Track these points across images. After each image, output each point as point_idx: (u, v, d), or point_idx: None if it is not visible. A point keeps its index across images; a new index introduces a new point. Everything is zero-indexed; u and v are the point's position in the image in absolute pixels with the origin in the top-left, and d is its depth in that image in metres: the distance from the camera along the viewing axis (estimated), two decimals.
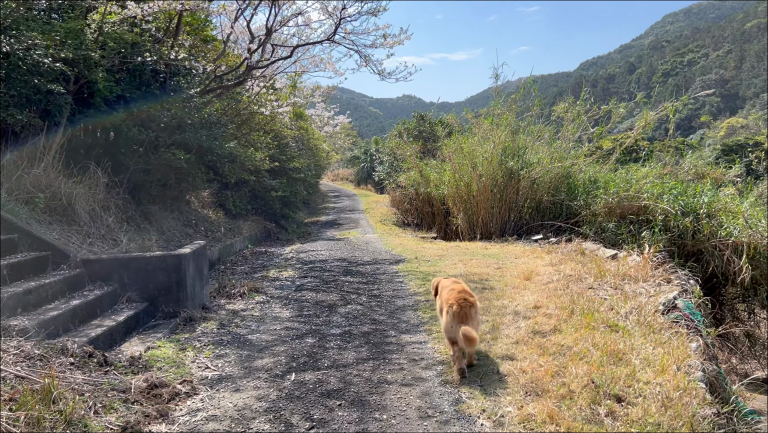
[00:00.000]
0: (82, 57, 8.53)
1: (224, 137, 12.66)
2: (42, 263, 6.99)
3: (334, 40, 12.42)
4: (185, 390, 4.86)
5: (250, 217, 18.14)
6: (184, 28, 11.90)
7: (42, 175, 8.61)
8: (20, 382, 4.37)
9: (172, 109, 10.82)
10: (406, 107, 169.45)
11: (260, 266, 12.59)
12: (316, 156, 27.78)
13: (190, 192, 14.93)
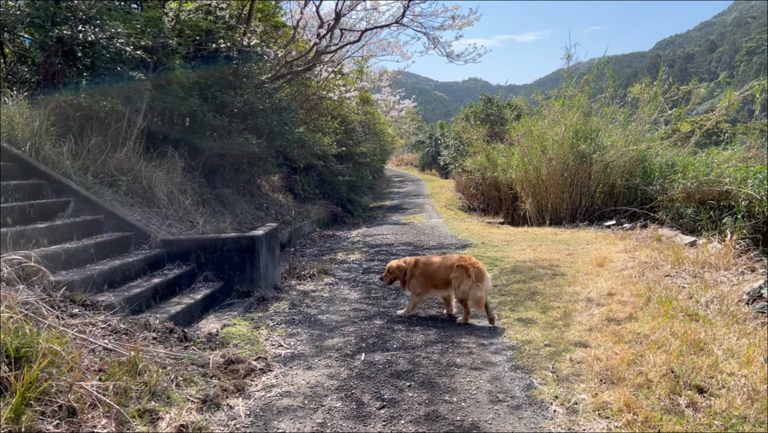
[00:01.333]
0: (161, 45, 8.85)
1: (294, 122, 12.88)
2: (125, 242, 7.35)
3: (402, 23, 12.36)
4: (260, 367, 5.01)
5: (318, 201, 18.45)
6: (255, 15, 12.14)
7: (124, 159, 9.03)
8: (108, 354, 4.63)
9: (244, 95, 11.09)
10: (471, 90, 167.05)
11: (328, 248, 12.80)
12: (382, 141, 27.86)
13: (261, 176, 15.32)
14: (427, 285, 6.61)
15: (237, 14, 11.68)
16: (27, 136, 7.75)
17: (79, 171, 8.18)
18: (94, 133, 8.84)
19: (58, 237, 6.44)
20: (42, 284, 5.32)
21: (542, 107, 18.43)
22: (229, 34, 10.86)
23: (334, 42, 13.23)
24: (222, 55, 10.68)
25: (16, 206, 6.41)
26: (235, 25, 11.32)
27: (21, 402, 3.46)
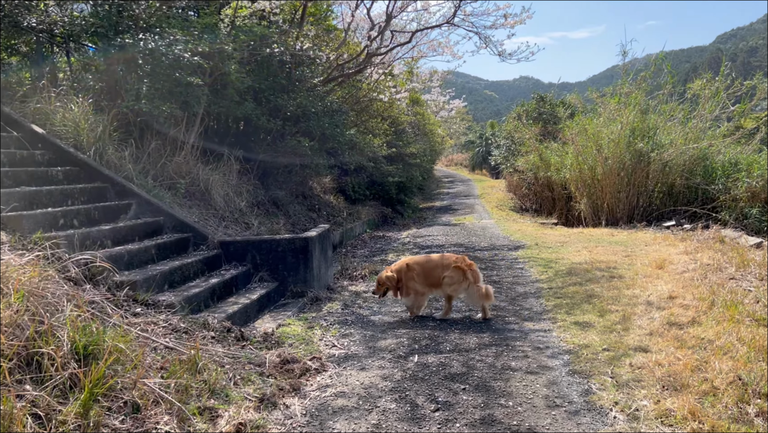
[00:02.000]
0: (217, 50, 9.07)
1: (345, 125, 12.99)
2: (184, 243, 7.56)
3: (453, 23, 12.30)
4: (315, 366, 5.07)
5: (368, 202, 18.55)
6: (308, 19, 12.30)
7: (182, 163, 9.30)
8: (169, 352, 4.77)
9: (297, 99, 11.25)
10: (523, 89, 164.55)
11: (379, 249, 12.84)
12: (431, 141, 27.77)
13: (313, 178, 15.51)
14: (425, 284, 6.72)
15: (290, 19, 11.87)
16: (91, 142, 8.08)
17: (140, 174, 8.47)
18: (154, 138, 9.13)
19: (121, 238, 6.68)
20: (107, 284, 5.53)
21: (597, 105, 18.00)
22: (282, 39, 11.04)
23: (385, 44, 13.28)
24: (275, 59, 10.87)
25: (82, 209, 6.69)
26: (288, 30, 11.51)
27: (89, 398, 3.59)
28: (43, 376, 3.68)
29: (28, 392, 3.47)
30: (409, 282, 6.72)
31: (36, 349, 3.74)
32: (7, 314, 3.79)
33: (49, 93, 8.61)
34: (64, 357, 3.81)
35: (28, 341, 3.76)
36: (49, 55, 11.00)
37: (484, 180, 40.88)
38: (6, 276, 4.14)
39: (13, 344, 3.62)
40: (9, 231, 5.55)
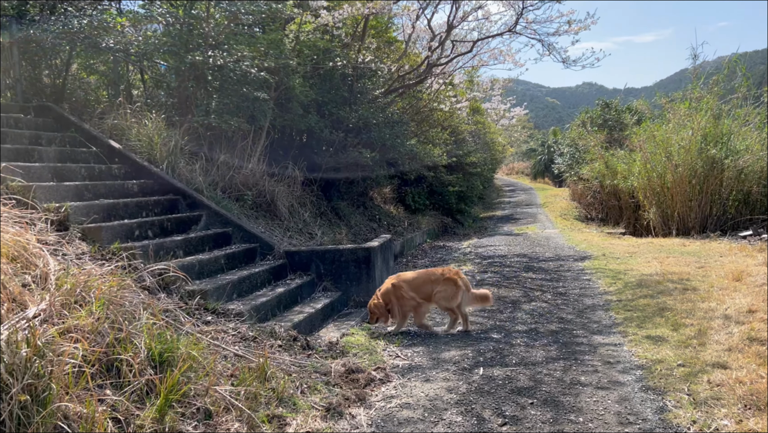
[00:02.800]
0: (282, 65, 9.31)
1: (405, 135, 13.05)
2: (251, 253, 7.76)
3: (515, 30, 12.18)
4: (379, 377, 5.09)
5: (428, 212, 18.52)
6: (369, 32, 12.46)
7: (249, 175, 9.57)
8: (238, 360, 4.89)
9: (358, 110, 11.39)
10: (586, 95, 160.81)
11: (439, 259, 12.79)
12: (492, 150, 27.49)
13: (374, 188, 15.64)
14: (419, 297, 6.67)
15: (352, 32, 12.05)
16: (164, 155, 8.42)
17: (210, 186, 8.76)
18: (223, 151, 9.44)
19: (192, 249, 6.92)
20: (179, 293, 5.74)
21: (665, 111, 17.37)
22: (344, 52, 11.22)
23: (445, 54, 13.29)
24: (338, 72, 11.05)
25: (155, 220, 6.97)
26: (349, 43, 11.69)
27: (165, 404, 3.73)
28: (121, 381, 3.84)
29: (108, 396, 3.63)
30: (400, 300, 6.64)
31: (115, 355, 3.91)
32: (89, 321, 3.98)
33: (125, 110, 9.04)
34: (141, 364, 3.97)
35: (108, 348, 3.94)
36: (125, 73, 11.57)
37: (547, 189, 40.10)
38: (88, 285, 4.36)
39: (96, 350, 3.79)
40: (89, 241, 5.84)
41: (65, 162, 7.35)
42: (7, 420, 3.05)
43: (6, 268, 4.23)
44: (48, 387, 3.23)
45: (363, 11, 10.81)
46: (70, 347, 3.54)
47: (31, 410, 3.13)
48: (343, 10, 10.39)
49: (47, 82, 10.05)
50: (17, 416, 3.08)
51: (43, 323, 3.85)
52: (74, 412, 3.31)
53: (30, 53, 9.63)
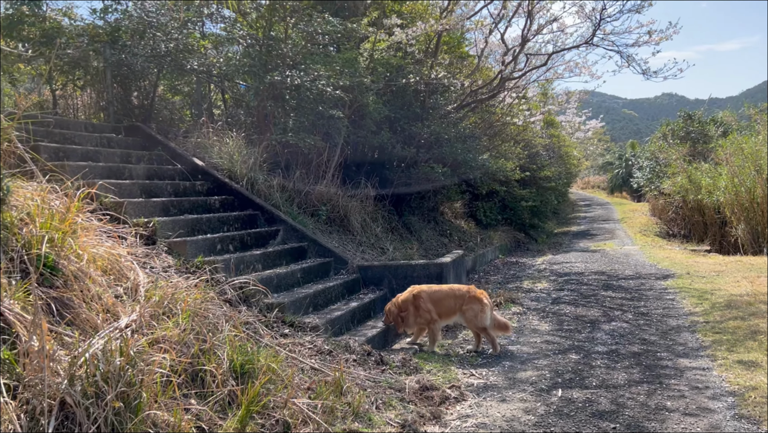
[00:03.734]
0: (356, 83, 9.47)
1: (477, 150, 12.96)
2: (326, 267, 7.89)
3: (592, 42, 11.89)
4: (454, 395, 5.04)
5: (500, 227, 18.25)
6: (441, 48, 12.50)
7: (324, 191, 9.76)
8: (315, 373, 4.97)
9: (430, 126, 11.43)
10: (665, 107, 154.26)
11: (512, 276, 12.56)
12: (567, 163, 26.84)
13: (444, 203, 15.59)
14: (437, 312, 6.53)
15: (424, 48, 12.14)
16: (244, 172, 8.73)
17: (286, 202, 9.00)
18: (298, 168, 9.69)
19: (270, 263, 7.11)
20: (259, 306, 5.90)
21: (754, 122, 16.47)
22: (417, 68, 11.30)
23: (519, 67, 13.14)
24: (410, 88, 11.14)
25: (236, 235, 7.22)
26: (422, 59, 11.77)
27: (246, 414, 3.83)
28: (205, 391, 3.98)
29: (193, 406, 3.77)
30: (417, 311, 6.52)
31: (200, 366, 4.06)
32: (176, 332, 4.16)
33: (207, 129, 9.45)
34: (224, 374, 4.11)
35: (193, 358, 4.10)
36: (207, 93, 12.11)
37: (625, 203, 38.70)
38: (175, 297, 4.56)
39: (182, 361, 3.95)
40: (175, 255, 6.12)
41: (153, 179, 7.75)
42: (102, 425, 3.22)
43: (100, 280, 4.49)
44: (139, 395, 3.39)
45: (436, 28, 10.87)
46: (159, 357, 3.70)
47: (124, 417, 3.29)
48: (417, 27, 10.48)
49: (136, 103, 10.65)
50: (111, 422, 3.24)
51: (134, 333, 4.05)
52: (162, 420, 3.46)
53: (121, 76, 10.25)
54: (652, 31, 11.17)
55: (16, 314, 3.51)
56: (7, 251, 3.90)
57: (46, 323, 3.72)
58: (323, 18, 9.63)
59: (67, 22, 10.59)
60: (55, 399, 3.19)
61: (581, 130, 27.62)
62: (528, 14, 12.10)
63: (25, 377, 3.26)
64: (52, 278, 4.00)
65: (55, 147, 7.02)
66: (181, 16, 9.98)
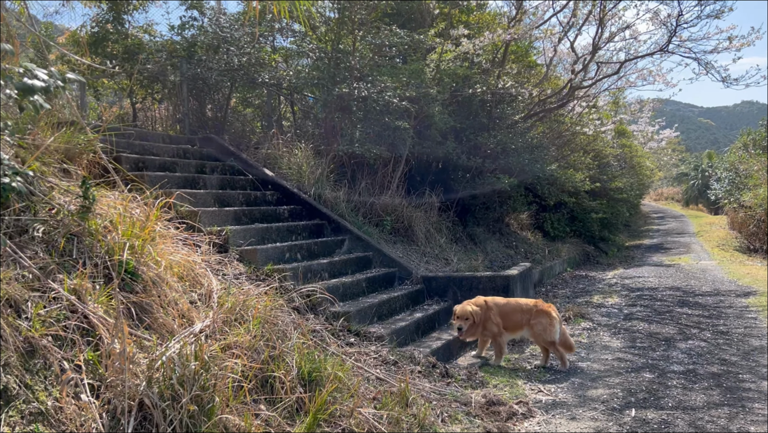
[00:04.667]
0: (423, 94, 9.50)
1: (545, 160, 12.72)
2: (390, 277, 7.91)
3: (667, 50, 11.47)
4: (521, 411, 4.93)
5: (568, 239, 17.79)
6: (509, 57, 12.37)
7: (388, 201, 9.81)
8: (380, 383, 4.98)
9: (497, 136, 11.31)
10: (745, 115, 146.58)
11: (581, 290, 12.22)
12: (639, 174, 25.90)
13: (510, 214, 15.35)
14: (503, 326, 6.44)
15: (491, 58, 12.05)
16: (312, 183, 8.89)
17: (352, 212, 9.10)
18: (364, 178, 9.78)
19: (336, 272, 7.20)
20: (325, 314, 5.98)
21: None
22: (484, 78, 11.23)
23: (589, 76, 12.82)
24: (477, 98, 11.06)
25: (303, 244, 7.35)
26: (489, 69, 11.69)
27: (313, 422, 3.88)
28: (274, 397, 4.06)
29: (262, 411, 3.85)
30: (486, 322, 6.39)
31: (269, 372, 4.15)
32: (247, 338, 4.26)
33: (277, 140, 9.69)
34: (292, 381, 4.18)
35: (263, 364, 4.19)
36: (276, 105, 12.44)
37: (701, 216, 36.99)
38: (246, 304, 4.68)
39: (252, 366, 4.05)
40: (246, 263, 6.28)
41: (225, 189, 8.01)
42: (178, 427, 3.33)
43: (177, 285, 4.66)
44: (212, 399, 3.50)
45: (504, 37, 10.77)
46: (232, 362, 3.80)
47: (198, 420, 3.40)
48: (484, 37, 10.41)
49: (210, 116, 11.05)
50: (186, 424, 3.35)
51: (207, 339, 4.19)
52: (233, 424, 3.54)
53: (197, 90, 10.67)
54: (732, 37, 10.68)
55: (99, 317, 3.70)
56: (92, 256, 4.12)
57: (126, 326, 3.90)
58: (390, 30, 9.73)
59: (147, 38, 11.15)
60: (134, 400, 3.33)
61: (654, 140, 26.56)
62: (599, 22, 11.81)
63: (107, 377, 3.42)
64: (133, 284, 4.19)
65: (135, 158, 7.37)
66: (255, 31, 10.30)
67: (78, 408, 3.21)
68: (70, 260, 3.97)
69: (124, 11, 10.82)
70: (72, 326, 3.56)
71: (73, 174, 5.29)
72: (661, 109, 31.00)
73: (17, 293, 3.41)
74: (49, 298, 3.59)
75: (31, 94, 2.80)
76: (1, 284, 3.36)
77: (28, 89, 2.79)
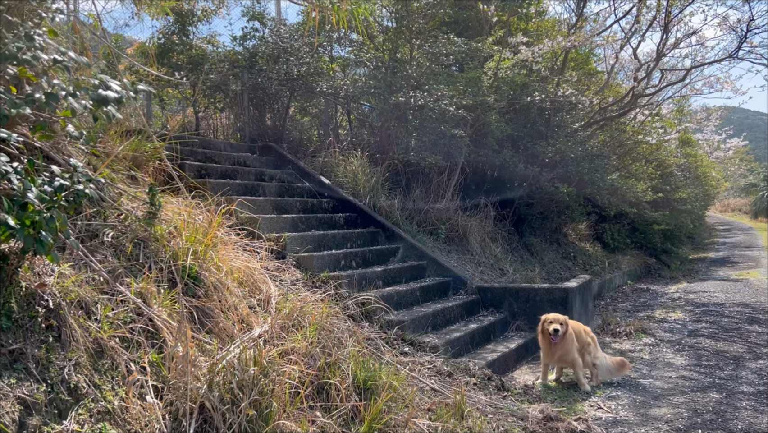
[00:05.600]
0: (479, 102, 9.43)
1: (605, 169, 12.40)
2: (444, 287, 7.86)
3: (737, 56, 11.02)
4: (580, 428, 4.79)
5: (629, 251, 17.27)
6: (569, 65, 12.15)
7: (443, 210, 9.76)
8: (435, 394, 4.94)
9: (555, 144, 11.10)
10: None
11: (643, 304, 11.82)
12: (704, 185, 24.90)
13: (568, 224, 15.03)
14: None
15: (550, 66, 11.86)
16: (367, 190, 8.94)
17: (406, 220, 9.10)
18: (418, 186, 9.77)
19: (390, 280, 7.20)
20: (380, 322, 5.99)
21: None
22: (542, 86, 11.05)
23: (652, 83, 12.45)
24: (535, 106, 10.90)
25: (358, 251, 7.40)
26: (548, 77, 11.50)
27: (369, 431, 3.88)
28: (330, 405, 4.08)
29: (318, 418, 3.88)
30: (565, 337, 6.00)
31: (325, 379, 4.18)
32: (304, 345, 4.31)
33: (333, 148, 9.80)
34: (348, 389, 4.19)
35: (319, 371, 4.22)
36: (333, 114, 12.59)
37: None
38: (303, 311, 4.73)
39: (309, 373, 4.09)
40: (302, 269, 6.37)
41: (283, 196, 8.15)
42: (237, 431, 3.39)
43: (237, 291, 4.77)
44: (270, 404, 3.54)
45: (564, 45, 10.58)
46: (289, 368, 3.85)
47: (256, 424, 3.45)
48: (543, 44, 10.26)
49: (269, 124, 11.28)
50: (244, 428, 3.41)
51: (265, 344, 4.26)
52: (290, 430, 3.58)
53: (257, 99, 10.92)
54: None
55: (163, 320, 3.81)
56: (157, 261, 4.25)
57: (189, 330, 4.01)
58: (448, 38, 9.71)
59: (210, 49, 11.49)
60: (195, 402, 3.41)
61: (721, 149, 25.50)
62: (664, 28, 11.45)
63: (170, 380, 3.51)
64: (195, 288, 4.31)
65: (198, 165, 7.59)
66: (314, 41, 10.48)
67: (143, 409, 3.31)
68: (136, 264, 4.11)
69: (189, 23, 11.19)
70: (138, 328, 3.69)
71: (140, 181, 5.50)
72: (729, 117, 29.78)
73: (88, 295, 3.56)
74: (116, 301, 3.73)
75: (105, 105, 2.91)
76: (74, 286, 3.51)
77: (102, 100, 2.90)
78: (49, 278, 3.40)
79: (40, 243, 2.99)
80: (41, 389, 3.00)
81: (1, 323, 3.03)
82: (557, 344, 5.84)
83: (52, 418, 2.97)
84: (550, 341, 5.84)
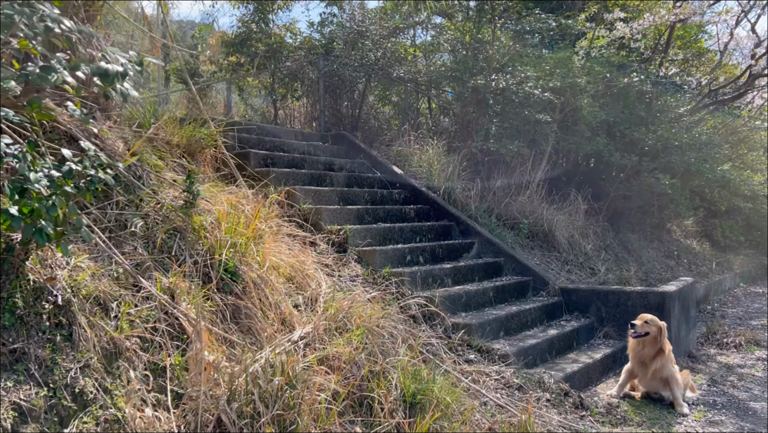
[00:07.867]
0: (569, 85, 8.60)
1: (716, 159, 11.12)
2: (523, 287, 7.18)
3: None
4: None
5: (742, 250, 15.67)
6: (674, 43, 10.94)
7: (526, 202, 9.01)
8: (499, 411, 4.36)
9: (657, 131, 10.01)
10: None
11: (757, 310, 10.51)
12: None
13: (672, 220, 13.75)
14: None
15: (652, 45, 10.72)
16: (442, 181, 8.39)
17: (484, 213, 8.45)
18: (500, 177, 9.08)
19: (461, 278, 6.63)
20: (443, 325, 5.45)
21: None
22: (642, 67, 9.98)
23: None
24: (633, 89, 9.85)
25: (427, 246, 6.88)
26: (650, 57, 10.39)
27: None
28: (372, 420, 3.62)
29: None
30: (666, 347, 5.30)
31: (368, 391, 3.72)
32: (347, 350, 3.87)
33: (408, 137, 9.31)
34: (393, 403, 3.72)
35: (362, 381, 3.77)
36: (415, 102, 12.09)
37: None
38: (350, 312, 4.30)
39: (349, 383, 3.65)
40: (363, 264, 5.94)
41: (351, 186, 7.76)
42: None
43: (281, 287, 4.40)
44: (296, 421, 3.13)
45: (668, 19, 9.46)
46: (322, 378, 3.43)
47: None
48: (644, 19, 9.21)
49: (345, 113, 10.96)
50: None
51: (306, 347, 3.86)
52: None
53: (332, 87, 10.61)
54: None
55: (190, 319, 3.50)
56: (192, 254, 3.96)
57: (219, 330, 3.68)
58: (534, 15, 8.92)
59: (289, 36, 11.33)
60: (212, 415, 3.06)
61: None
62: None
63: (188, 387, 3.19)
64: (232, 284, 3.98)
65: (264, 154, 7.34)
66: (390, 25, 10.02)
67: (157, 419, 3.00)
68: (168, 257, 3.83)
69: (270, 10, 11.07)
70: (162, 328, 3.40)
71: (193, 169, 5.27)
72: None
73: (107, 291, 3.29)
74: (140, 297, 3.45)
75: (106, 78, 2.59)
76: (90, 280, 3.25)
77: (103, 74, 2.58)
78: (62, 271, 3.15)
79: (39, 233, 2.73)
80: (41, 393, 2.74)
81: (3, 320, 2.80)
82: (640, 347, 5.32)
83: (52, 426, 2.70)
84: (637, 348, 5.28)
